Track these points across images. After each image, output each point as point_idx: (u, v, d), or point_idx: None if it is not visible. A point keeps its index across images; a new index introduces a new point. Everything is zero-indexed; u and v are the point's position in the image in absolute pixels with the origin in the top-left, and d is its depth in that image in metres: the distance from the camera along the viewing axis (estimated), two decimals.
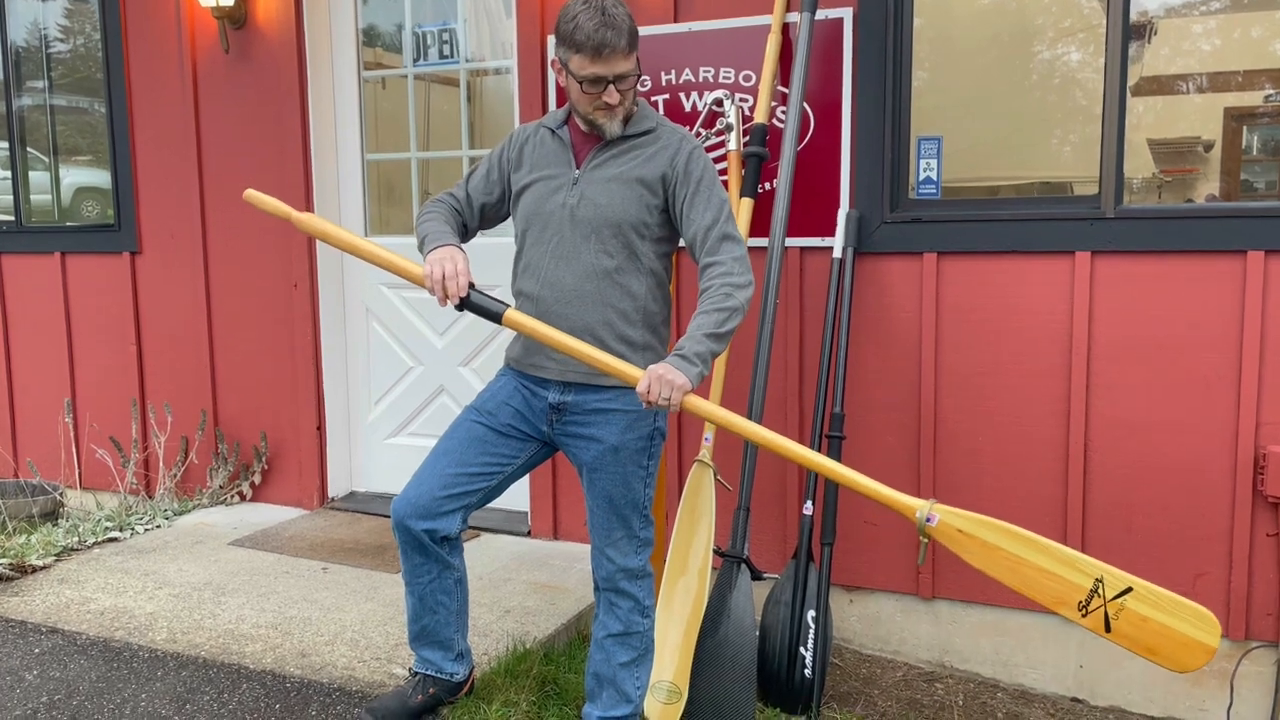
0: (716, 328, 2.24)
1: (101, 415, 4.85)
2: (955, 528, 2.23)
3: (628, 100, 2.38)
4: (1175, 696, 3.16)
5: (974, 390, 3.27)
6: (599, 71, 2.30)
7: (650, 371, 2.18)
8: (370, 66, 4.38)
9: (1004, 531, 2.23)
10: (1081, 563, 2.19)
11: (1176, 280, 3.03)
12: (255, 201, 2.57)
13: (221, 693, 2.81)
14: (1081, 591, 2.17)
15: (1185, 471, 3.07)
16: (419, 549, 2.52)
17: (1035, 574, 2.20)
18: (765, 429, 2.31)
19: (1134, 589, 2.14)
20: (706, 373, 2.23)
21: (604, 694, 2.59)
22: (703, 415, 2.27)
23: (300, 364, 4.37)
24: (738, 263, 2.32)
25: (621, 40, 2.28)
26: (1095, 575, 2.16)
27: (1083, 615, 2.17)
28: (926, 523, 2.23)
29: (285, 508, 4.46)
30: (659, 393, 2.16)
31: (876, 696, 3.24)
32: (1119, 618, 2.15)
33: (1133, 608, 2.14)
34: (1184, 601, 2.14)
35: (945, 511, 2.24)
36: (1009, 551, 2.21)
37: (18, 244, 4.99)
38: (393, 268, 2.40)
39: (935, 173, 3.34)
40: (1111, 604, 2.15)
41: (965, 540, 2.23)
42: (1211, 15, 3.21)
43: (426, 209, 2.54)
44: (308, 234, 2.61)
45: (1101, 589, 2.16)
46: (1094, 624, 2.17)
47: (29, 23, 4.94)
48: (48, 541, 3.87)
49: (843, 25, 3.30)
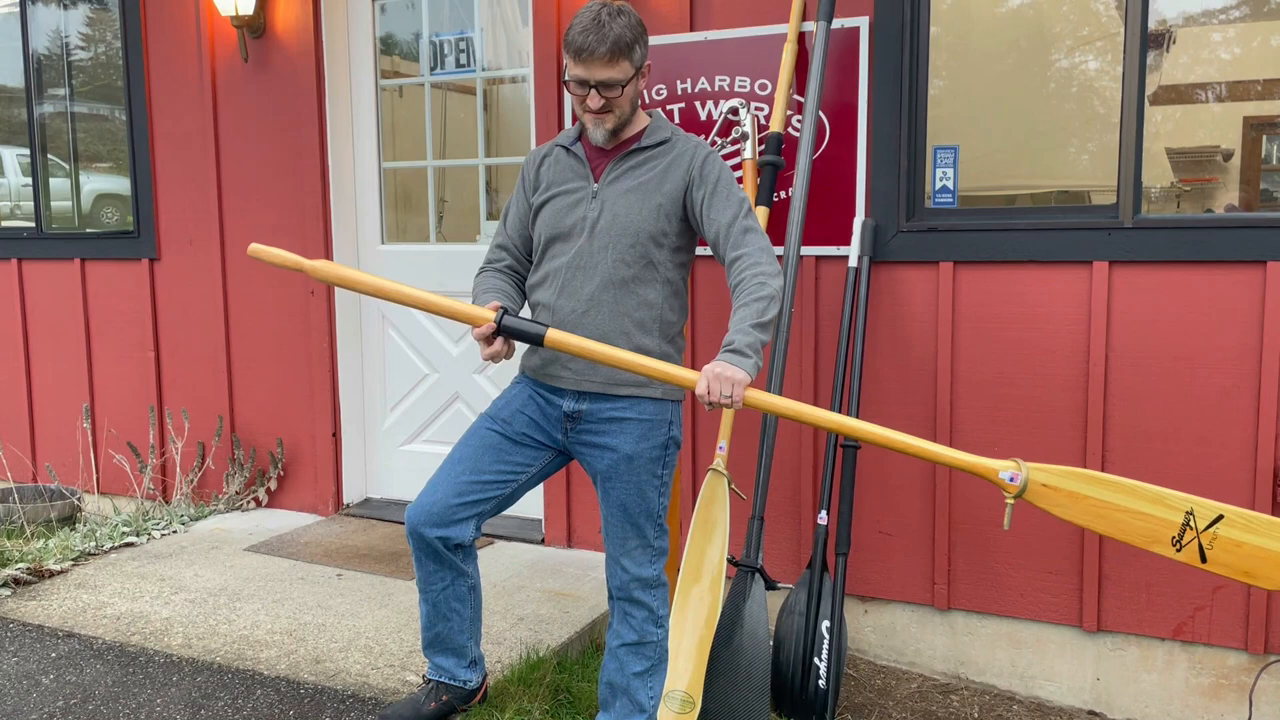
0: (759, 317, 2.23)
1: (119, 421, 4.88)
2: (1041, 483, 2.21)
3: (619, 109, 2.40)
4: (1192, 710, 3.12)
5: (991, 400, 3.26)
6: (580, 74, 2.36)
7: (706, 371, 2.16)
8: (388, 75, 4.40)
9: (1090, 479, 2.21)
10: (1170, 498, 2.17)
11: (1195, 290, 3.01)
12: (261, 256, 2.42)
13: (236, 698, 2.82)
14: (1173, 527, 2.15)
15: (1204, 482, 3.04)
16: (433, 556, 2.52)
17: (1125, 516, 2.18)
18: (831, 413, 2.27)
19: (1225, 515, 2.12)
20: (761, 364, 2.22)
21: (617, 703, 2.58)
22: (767, 408, 2.23)
23: (316, 370, 4.39)
24: (764, 252, 2.32)
25: (601, 47, 2.31)
26: (1185, 509, 2.15)
27: (1177, 550, 2.15)
28: (1010, 482, 2.22)
29: (301, 514, 4.48)
30: (720, 391, 2.14)
31: (891, 708, 3.22)
32: (1214, 547, 2.13)
33: (1225, 534, 2.13)
34: (1276, 520, 2.13)
35: (1031, 468, 2.23)
36: (1097, 498, 2.19)
37: (38, 250, 5.04)
38: (418, 303, 2.40)
39: (951, 182, 3.33)
40: (1205, 534, 2.14)
41: (1052, 494, 2.21)
42: (1231, 24, 3.19)
43: (476, 282, 2.61)
44: (326, 282, 2.48)
45: (1193, 520, 2.14)
46: (1189, 557, 2.15)
47: (51, 30, 4.99)
48: (65, 546, 3.90)
49: (859, 34, 3.30)
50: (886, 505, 3.40)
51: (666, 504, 2.54)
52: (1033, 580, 3.25)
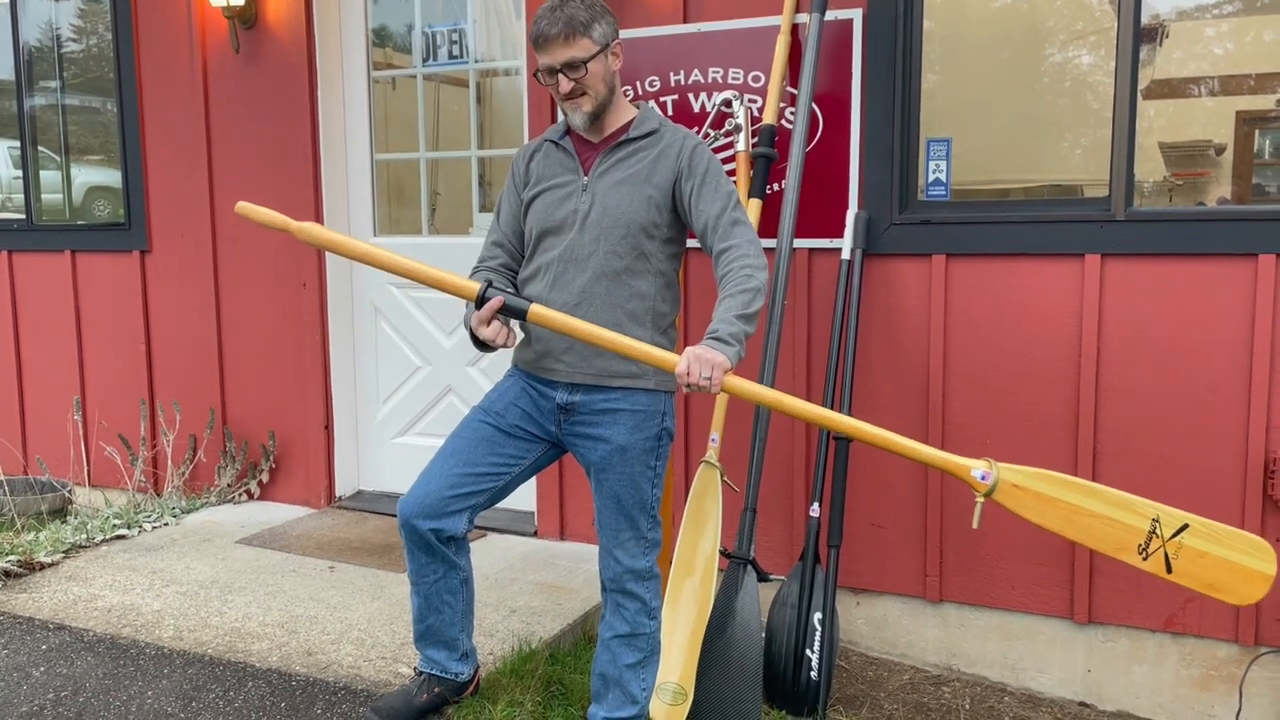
0: (744, 309, 2.23)
1: (110, 413, 4.86)
2: (1012, 483, 2.21)
3: (592, 90, 2.40)
4: (1183, 701, 3.14)
5: (983, 393, 3.26)
6: (546, 62, 2.37)
7: (689, 352, 2.16)
8: (380, 66, 4.38)
9: (1060, 482, 2.20)
10: (1137, 504, 2.16)
11: (1187, 283, 3.02)
12: (249, 214, 2.36)
13: (227, 690, 2.81)
14: (1139, 534, 2.15)
15: (1195, 475, 3.05)
16: (425, 549, 2.52)
17: (1093, 521, 2.17)
18: (808, 403, 2.27)
19: (1190, 525, 2.12)
20: (744, 354, 2.22)
21: (610, 695, 2.58)
22: (744, 395, 2.23)
23: (308, 363, 4.38)
24: (751, 245, 2.33)
25: (554, 29, 2.33)
26: (1151, 515, 2.14)
27: (1143, 559, 2.15)
28: (981, 480, 2.21)
29: (293, 506, 4.47)
30: (699, 373, 2.14)
31: (883, 699, 3.23)
32: (1178, 556, 2.13)
33: (1190, 544, 2.12)
34: (1239, 532, 2.13)
35: (1002, 468, 2.22)
36: (1066, 502, 2.19)
37: (29, 242, 5.02)
38: (406, 272, 2.37)
39: (945, 174, 3.33)
40: (1170, 543, 2.13)
41: (1021, 495, 2.20)
42: (1224, 19, 3.20)
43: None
44: (313, 245, 2.43)
45: (1159, 529, 2.13)
46: (1155, 566, 2.14)
47: (42, 22, 4.96)
48: (56, 539, 3.89)
49: (852, 26, 3.30)
50: (879, 498, 3.40)
51: (660, 495, 2.54)
52: (1024, 572, 3.26)
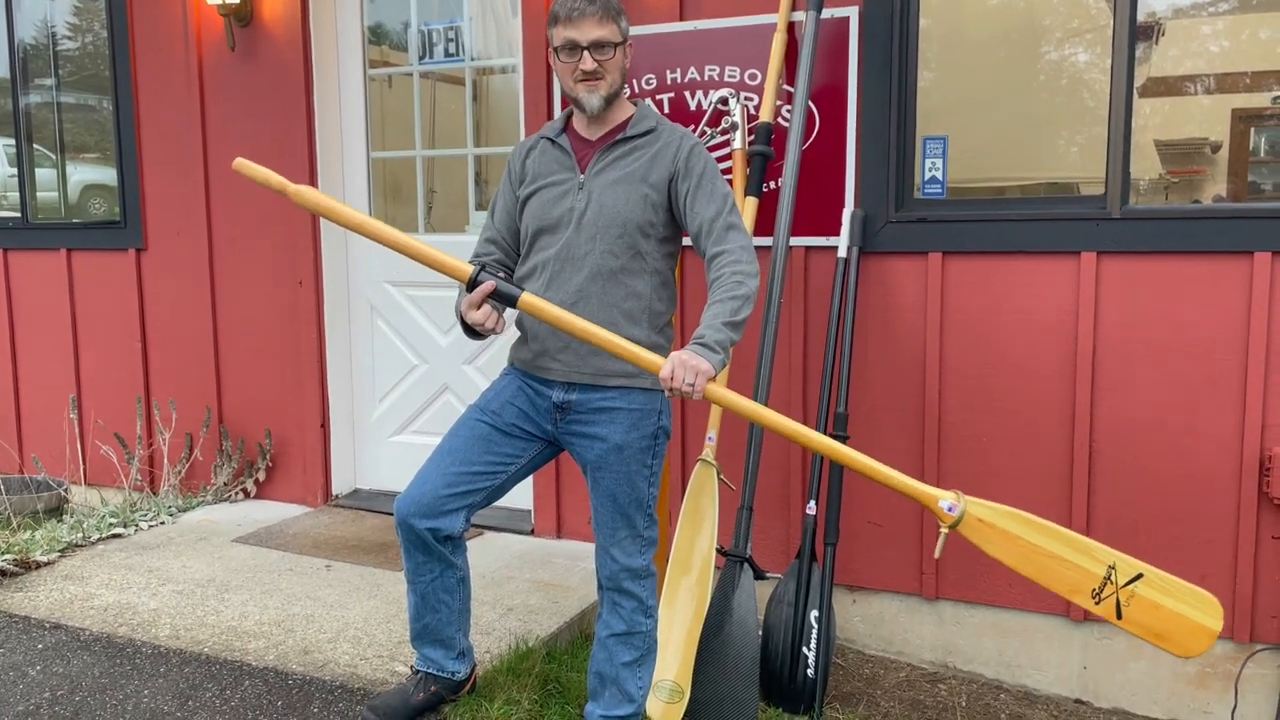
0: (732, 315, 2.23)
1: (106, 412, 4.86)
2: (977, 517, 2.23)
3: (610, 75, 2.40)
4: (1179, 698, 3.14)
5: (979, 391, 3.26)
6: (572, 36, 2.35)
7: (673, 357, 2.16)
8: (376, 64, 4.38)
9: (1023, 521, 2.22)
10: (1096, 550, 2.19)
11: (1182, 281, 3.02)
12: (245, 171, 2.35)
13: (224, 689, 2.81)
14: (1095, 579, 2.17)
15: (1190, 473, 3.06)
16: (422, 547, 2.52)
17: (1051, 562, 2.20)
18: (787, 419, 2.27)
19: (1145, 575, 2.15)
20: (728, 362, 2.22)
21: (606, 693, 2.59)
22: (725, 404, 2.23)
23: (305, 361, 4.37)
24: (744, 251, 2.32)
25: (592, 5, 2.33)
26: (1108, 562, 2.17)
27: (1096, 603, 2.18)
28: (948, 512, 2.22)
29: (289, 505, 4.46)
30: (682, 378, 2.14)
31: (879, 697, 3.23)
32: (1130, 604, 2.16)
33: (1143, 594, 2.15)
34: (1190, 587, 2.15)
35: (970, 502, 2.24)
36: (1028, 541, 2.21)
37: (24, 240, 5.01)
38: (399, 246, 2.34)
39: (941, 172, 3.33)
40: (1123, 591, 2.16)
41: (986, 530, 2.23)
42: (1219, 17, 3.20)
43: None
44: (308, 210, 2.40)
45: (1114, 576, 2.16)
46: (1106, 611, 2.17)
47: (37, 20, 4.95)
48: (52, 537, 3.88)
49: (848, 24, 3.30)
50: (875, 495, 3.40)
51: (656, 494, 2.54)
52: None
